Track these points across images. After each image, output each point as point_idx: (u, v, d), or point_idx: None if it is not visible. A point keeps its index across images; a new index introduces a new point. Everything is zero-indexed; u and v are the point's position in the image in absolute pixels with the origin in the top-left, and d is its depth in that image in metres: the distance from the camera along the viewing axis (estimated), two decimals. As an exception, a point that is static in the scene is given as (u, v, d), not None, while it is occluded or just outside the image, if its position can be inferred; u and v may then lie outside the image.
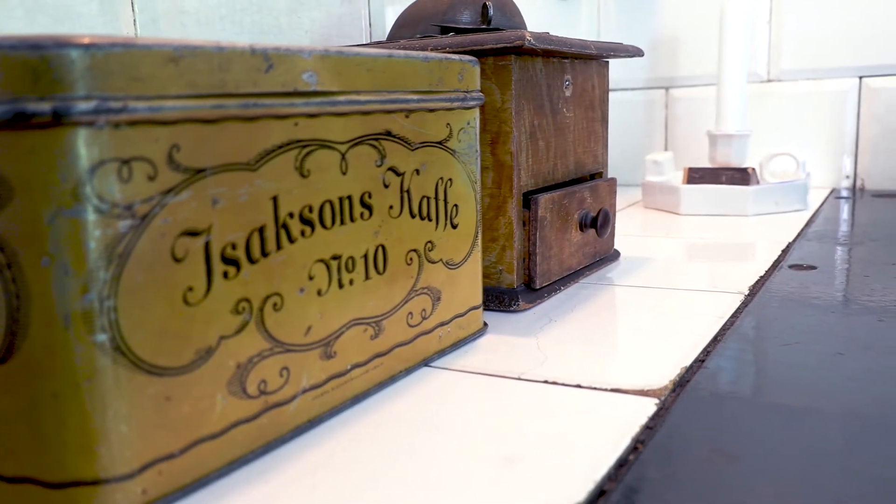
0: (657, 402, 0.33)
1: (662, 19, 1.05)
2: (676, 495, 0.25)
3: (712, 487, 0.26)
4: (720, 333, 0.42)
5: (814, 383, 0.35)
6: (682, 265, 0.60)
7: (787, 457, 0.28)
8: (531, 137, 0.49)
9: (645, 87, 1.08)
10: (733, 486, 0.26)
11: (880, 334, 0.41)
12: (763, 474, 0.27)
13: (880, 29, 0.93)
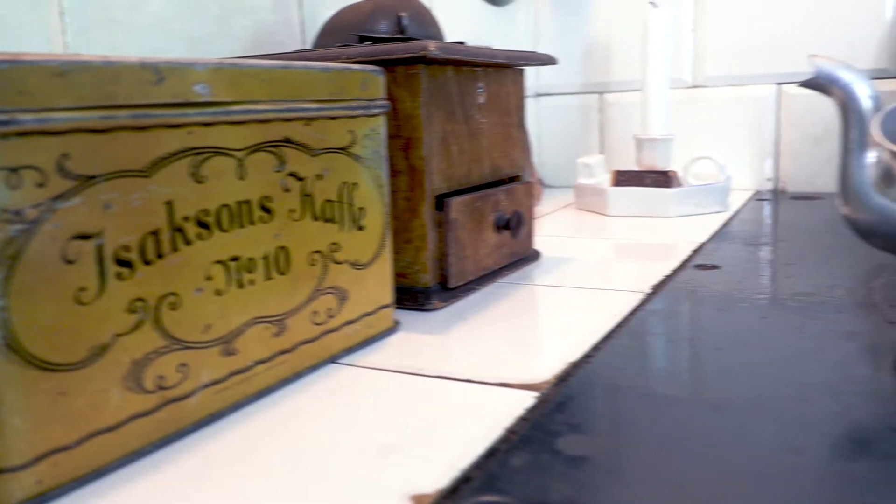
0: (537, 395, 0.35)
1: (596, 26, 1.09)
2: (535, 479, 0.28)
3: (571, 472, 0.28)
4: (613, 330, 0.44)
5: (685, 376, 0.38)
6: (598, 265, 0.63)
7: (646, 445, 0.30)
8: (443, 143, 0.51)
9: (580, 91, 1.11)
10: (590, 473, 0.28)
11: (758, 331, 0.44)
12: (621, 460, 0.29)
13: (797, 39, 0.97)
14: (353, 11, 0.56)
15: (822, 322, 0.45)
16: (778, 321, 0.45)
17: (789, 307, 0.48)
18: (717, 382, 0.37)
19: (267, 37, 0.63)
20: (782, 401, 0.34)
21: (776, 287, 0.53)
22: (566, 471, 0.28)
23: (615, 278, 0.57)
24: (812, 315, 0.46)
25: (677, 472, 0.28)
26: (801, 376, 0.37)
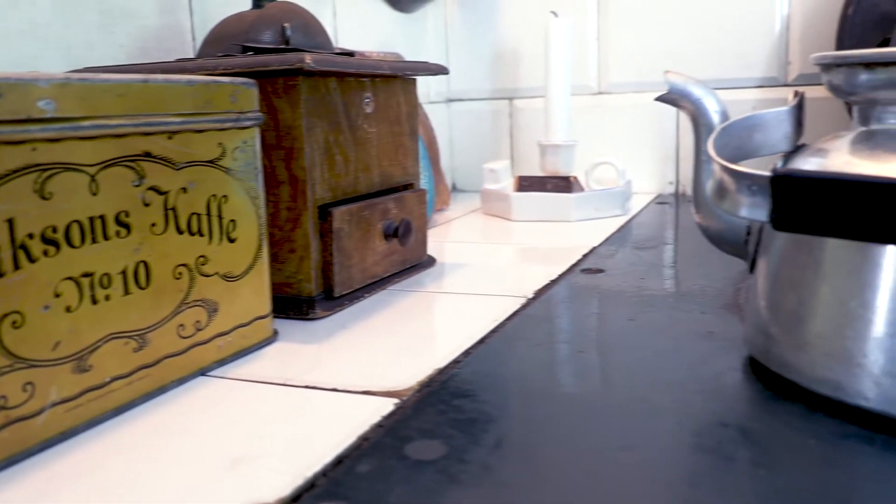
0: (397, 402, 0.36)
1: (504, 33, 1.11)
2: (377, 485, 0.28)
3: (414, 476, 0.29)
4: (487, 336, 0.46)
5: (544, 380, 0.39)
6: (490, 270, 0.64)
7: (491, 447, 0.31)
8: (327, 153, 0.52)
9: (491, 97, 1.13)
10: (432, 477, 0.29)
11: (624, 333, 0.46)
12: (465, 463, 0.30)
13: (694, 48, 1.01)
14: (237, 21, 0.55)
15: (685, 323, 0.47)
16: (645, 323, 0.47)
17: (659, 308, 0.50)
18: (573, 385, 0.38)
19: (153, 43, 0.62)
20: (628, 400, 0.35)
21: (651, 290, 0.55)
22: (409, 475, 0.29)
23: (503, 284, 0.59)
24: (678, 316, 0.48)
25: (512, 473, 0.29)
26: (651, 375, 0.38)
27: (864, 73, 0.35)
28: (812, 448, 0.31)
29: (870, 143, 0.35)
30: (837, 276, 0.34)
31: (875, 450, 0.30)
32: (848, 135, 0.37)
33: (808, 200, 0.31)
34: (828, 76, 0.37)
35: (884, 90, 0.35)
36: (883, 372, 0.31)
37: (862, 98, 0.36)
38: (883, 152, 0.34)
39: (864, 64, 0.34)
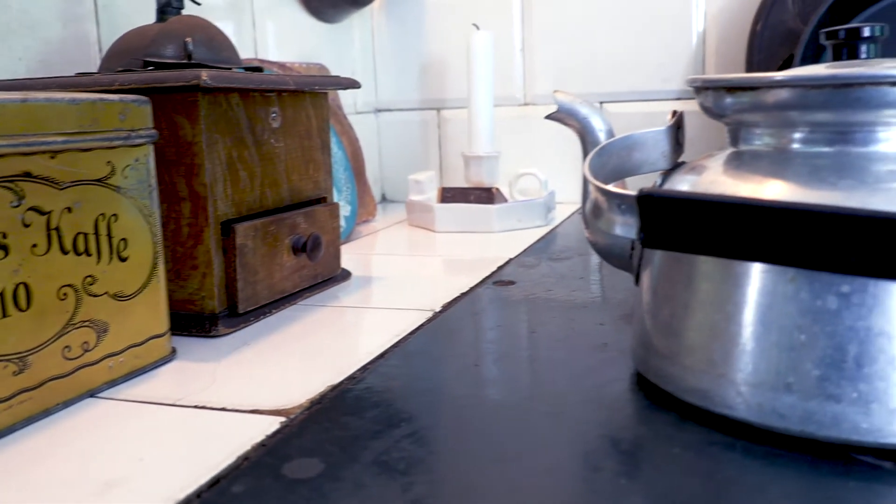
0: (283, 421, 0.36)
1: (431, 44, 1.11)
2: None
3: (287, 496, 0.29)
4: (387, 351, 0.46)
5: (435, 395, 0.39)
6: (405, 283, 0.65)
7: (371, 464, 0.32)
8: (230, 168, 0.52)
9: (419, 107, 1.14)
10: (304, 495, 0.29)
11: (523, 346, 0.47)
12: (340, 480, 0.30)
13: (616, 59, 1.03)
14: (139, 35, 0.55)
15: (582, 334, 0.48)
16: (544, 334, 0.48)
17: (560, 320, 0.51)
18: (461, 399, 0.39)
19: (57, 56, 0.61)
20: (511, 413, 0.36)
21: (557, 301, 0.56)
22: (283, 494, 0.29)
23: (413, 297, 0.59)
24: (577, 328, 0.50)
25: (385, 489, 0.29)
26: (538, 387, 0.39)
27: (728, 96, 0.36)
28: (675, 456, 0.32)
29: (736, 163, 0.37)
30: (705, 291, 0.35)
31: (735, 455, 0.31)
32: (720, 154, 0.38)
33: (670, 219, 0.32)
34: (699, 98, 0.38)
35: (748, 113, 0.36)
36: (745, 382, 0.33)
37: (730, 119, 0.37)
38: (745, 172, 0.36)
39: (727, 88, 0.36)
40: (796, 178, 0.34)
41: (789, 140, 0.35)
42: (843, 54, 0.37)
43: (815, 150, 0.35)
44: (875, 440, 0.30)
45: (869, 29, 0.37)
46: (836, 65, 0.37)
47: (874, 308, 0.30)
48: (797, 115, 0.35)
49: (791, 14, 0.87)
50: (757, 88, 0.35)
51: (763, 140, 0.36)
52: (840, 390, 0.31)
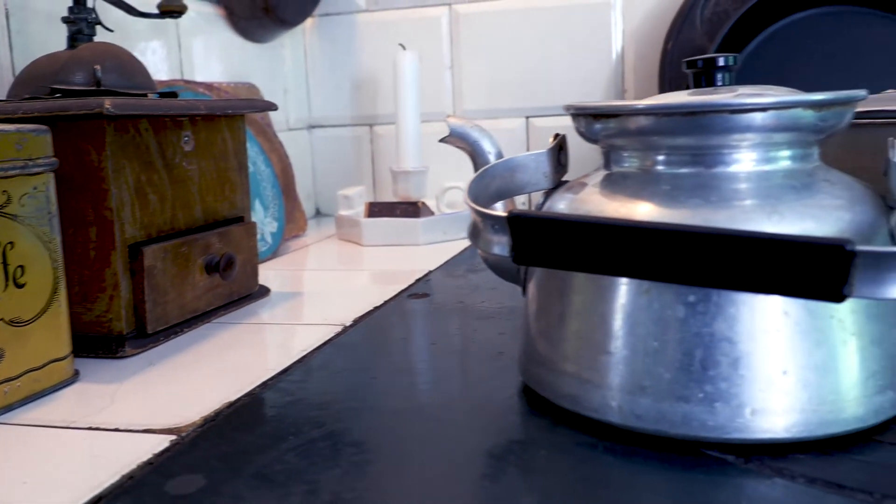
0: (174, 439, 0.37)
1: (362, 62, 1.13)
2: (124, 521, 0.30)
3: (163, 510, 0.31)
4: (291, 367, 0.47)
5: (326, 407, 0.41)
6: (322, 298, 0.66)
7: (252, 478, 0.33)
8: (139, 192, 0.53)
9: (352, 123, 1.16)
10: (180, 507, 0.31)
11: (421, 357, 0.49)
12: (222, 496, 0.32)
13: (540, 76, 1.06)
14: (49, 61, 0.56)
15: (482, 344, 0.50)
16: (445, 346, 0.50)
17: (463, 331, 0.53)
18: (351, 411, 0.40)
19: (-33, 83, 0.62)
20: (399, 420, 0.38)
21: (465, 312, 0.58)
22: (164, 511, 0.31)
23: (327, 312, 0.60)
24: (477, 338, 0.52)
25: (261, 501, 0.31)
26: (429, 397, 0.41)
27: (596, 123, 0.38)
28: (541, 457, 0.34)
29: (607, 183, 0.39)
30: (576, 302, 0.37)
31: (596, 454, 0.34)
32: (595, 175, 0.41)
33: (537, 237, 0.34)
34: (574, 123, 0.40)
35: (615, 138, 0.38)
36: (609, 387, 0.35)
37: (601, 143, 0.40)
38: (614, 192, 0.38)
39: (594, 115, 0.38)
40: (659, 197, 0.36)
41: (653, 162, 0.38)
42: (702, 81, 0.40)
43: (676, 171, 0.37)
44: (719, 436, 0.33)
45: (723, 59, 0.39)
46: (695, 92, 0.40)
47: (717, 315, 0.33)
48: (659, 140, 0.37)
49: (699, 33, 0.91)
50: (619, 115, 0.37)
51: (630, 162, 0.39)
52: (688, 391, 0.33)
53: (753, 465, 0.32)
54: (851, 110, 0.37)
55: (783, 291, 0.30)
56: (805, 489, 0.30)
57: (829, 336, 0.33)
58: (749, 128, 0.35)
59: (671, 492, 0.31)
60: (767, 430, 0.33)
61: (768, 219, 0.33)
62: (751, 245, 0.30)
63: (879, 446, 0.33)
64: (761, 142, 0.36)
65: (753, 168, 0.36)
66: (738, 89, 0.39)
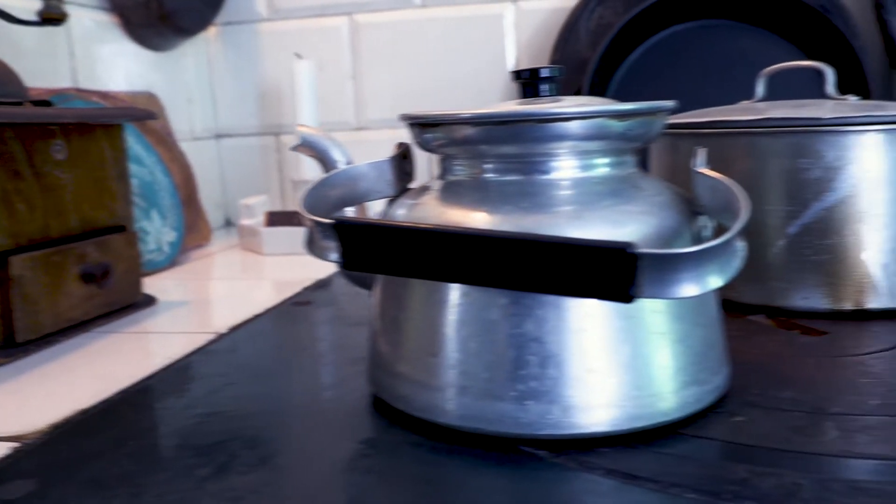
0: (17, 446, 0.38)
1: (267, 71, 1.14)
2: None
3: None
4: (155, 374, 0.48)
5: (173, 414, 0.42)
6: (207, 307, 0.67)
7: (82, 482, 0.34)
8: (4, 201, 0.53)
9: (258, 133, 1.16)
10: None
11: (286, 362, 0.50)
12: (41, 500, 0.32)
13: (440, 86, 1.09)
14: (-87, 71, 0.55)
15: (347, 349, 0.52)
16: (313, 351, 0.52)
17: (332, 336, 0.55)
18: (198, 417, 0.41)
19: None
20: (244, 424, 0.39)
21: (340, 319, 0.59)
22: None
23: (206, 321, 0.61)
24: (344, 343, 0.53)
25: (86, 506, 0.32)
26: (283, 402, 0.43)
27: (425, 132, 0.41)
28: (368, 457, 0.36)
29: (442, 190, 0.41)
30: (409, 306, 0.39)
31: (420, 453, 0.36)
32: (434, 182, 0.43)
33: (362, 243, 0.36)
34: (410, 133, 0.43)
35: (446, 147, 0.41)
36: (436, 387, 0.37)
37: (435, 152, 0.42)
38: (448, 199, 0.40)
39: (421, 125, 0.40)
40: (487, 204, 0.38)
41: (481, 170, 0.40)
42: (528, 92, 0.42)
43: (503, 178, 0.39)
44: (532, 433, 0.35)
45: (548, 71, 0.42)
46: (521, 102, 0.42)
47: (526, 317, 0.35)
48: (485, 149, 0.39)
49: (584, 45, 0.95)
50: (443, 125, 0.40)
51: (462, 170, 0.41)
52: (503, 391, 0.35)
53: (561, 459, 0.34)
54: (660, 120, 0.40)
55: (577, 293, 0.33)
56: (601, 480, 0.32)
57: (634, 335, 0.36)
58: (564, 137, 0.38)
59: (482, 487, 0.33)
60: (576, 426, 0.35)
61: (572, 224, 0.36)
62: (542, 249, 0.32)
63: (681, 438, 0.36)
64: (578, 150, 0.38)
65: (573, 175, 0.39)
66: (561, 100, 0.41)
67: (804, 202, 0.54)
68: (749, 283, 0.57)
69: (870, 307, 0.54)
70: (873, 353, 0.47)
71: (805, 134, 0.54)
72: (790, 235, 0.55)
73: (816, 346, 0.49)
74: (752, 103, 0.65)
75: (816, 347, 0.49)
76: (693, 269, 0.32)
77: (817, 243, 0.54)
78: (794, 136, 0.54)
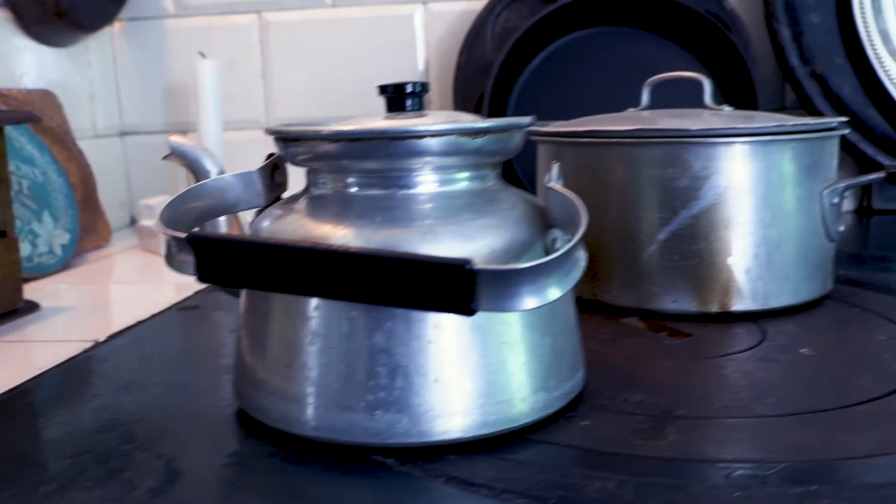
0: None
1: (174, 68, 1.12)
2: None
3: None
4: (19, 387, 0.47)
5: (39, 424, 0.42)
6: (95, 312, 0.66)
7: None
8: None
9: (165, 130, 1.14)
10: None
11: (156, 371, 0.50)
12: None
13: (350, 87, 1.09)
14: None
15: (219, 357, 0.52)
16: (184, 360, 0.52)
17: (212, 345, 0.55)
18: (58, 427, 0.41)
19: None
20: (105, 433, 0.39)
21: (224, 324, 0.59)
22: None
23: (87, 328, 0.60)
24: (223, 351, 0.53)
25: None
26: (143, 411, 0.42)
27: (288, 146, 0.41)
28: (217, 467, 0.36)
29: (307, 203, 0.41)
30: (266, 317, 0.39)
31: (274, 462, 0.36)
32: (300, 195, 0.43)
33: (215, 257, 0.36)
34: (275, 145, 0.43)
35: (310, 161, 0.41)
36: (291, 399, 0.37)
37: (300, 166, 0.42)
38: (308, 214, 0.40)
39: (282, 139, 0.41)
40: (347, 219, 0.39)
41: (345, 184, 0.41)
42: (394, 107, 0.43)
43: (368, 192, 0.40)
44: (381, 441, 0.36)
45: (412, 86, 0.43)
46: (388, 116, 0.43)
47: (376, 329, 0.36)
48: (347, 164, 0.40)
49: (490, 48, 0.96)
50: (301, 140, 0.40)
51: (327, 184, 0.41)
52: (353, 401, 0.36)
53: (407, 467, 0.35)
54: (517, 135, 0.41)
55: (421, 306, 0.34)
56: (441, 487, 0.34)
57: (482, 345, 0.37)
58: (421, 153, 0.39)
59: (328, 496, 0.34)
60: (425, 435, 0.36)
61: (424, 239, 0.37)
62: (386, 265, 0.33)
63: (527, 444, 0.37)
64: (436, 165, 0.39)
65: (433, 190, 0.40)
66: (425, 115, 0.42)
67: (674, 210, 0.56)
68: (624, 287, 0.59)
69: (734, 310, 0.57)
70: (729, 354, 0.50)
71: (674, 145, 0.56)
72: (661, 241, 0.57)
73: (679, 348, 0.52)
74: (637, 111, 0.67)
75: (679, 350, 0.51)
76: (532, 282, 0.33)
77: (686, 249, 0.56)
78: (664, 146, 0.56)
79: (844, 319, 0.57)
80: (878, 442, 0.36)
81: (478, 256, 0.37)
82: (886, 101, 0.96)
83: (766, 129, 0.56)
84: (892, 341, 0.51)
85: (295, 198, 0.43)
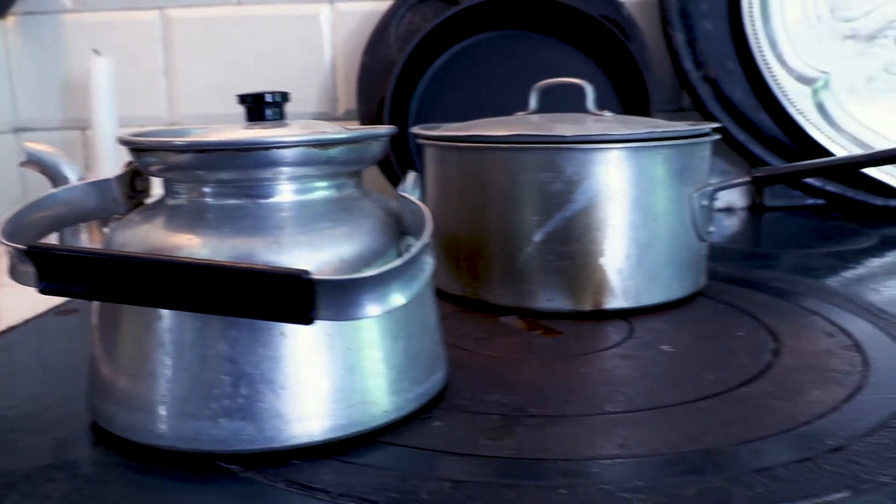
0: None
1: (73, 63, 1.09)
2: None
3: None
4: None
5: None
6: None
7: None
8: None
9: (62, 127, 1.11)
10: None
11: (19, 379, 0.49)
12: None
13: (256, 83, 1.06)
14: None
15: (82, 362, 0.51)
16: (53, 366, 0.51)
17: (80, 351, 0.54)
18: None
19: None
20: None
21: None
22: None
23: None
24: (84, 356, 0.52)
25: None
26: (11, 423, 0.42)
27: (142, 156, 0.41)
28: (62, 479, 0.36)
29: (159, 213, 0.41)
30: (112, 326, 0.39)
31: (119, 472, 0.36)
32: (157, 204, 0.43)
33: (54, 269, 0.36)
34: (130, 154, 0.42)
35: (165, 172, 0.41)
36: (138, 408, 0.37)
37: (156, 175, 0.42)
38: (162, 223, 0.40)
39: (135, 149, 0.40)
40: (198, 228, 0.39)
41: (201, 194, 0.40)
42: (253, 116, 0.43)
43: (224, 202, 0.40)
44: (225, 448, 0.36)
45: (271, 96, 0.43)
46: (248, 125, 0.43)
47: (220, 338, 0.36)
48: (203, 174, 0.40)
49: (394, 49, 0.96)
50: (150, 151, 0.40)
51: (183, 193, 0.41)
52: (198, 409, 0.36)
53: (251, 473, 0.35)
54: (374, 144, 0.42)
55: (263, 316, 0.34)
56: (281, 492, 0.34)
57: (329, 352, 0.37)
58: (274, 163, 0.39)
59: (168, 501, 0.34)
60: (270, 441, 0.36)
61: (270, 249, 0.37)
62: (225, 276, 0.33)
63: (377, 447, 0.38)
64: (291, 175, 0.40)
65: (290, 199, 0.40)
66: (286, 125, 0.43)
67: (549, 212, 0.58)
68: (503, 286, 0.60)
69: (607, 307, 0.59)
70: (594, 352, 0.52)
71: (548, 150, 0.58)
72: (537, 242, 0.58)
73: (548, 346, 0.53)
74: (525, 115, 0.69)
75: (547, 348, 0.53)
76: (373, 290, 0.34)
77: (560, 250, 0.58)
78: (539, 151, 0.58)
79: (711, 316, 0.59)
80: (712, 438, 0.38)
81: (326, 265, 0.37)
82: (774, 105, 1.00)
83: (636, 135, 0.58)
84: (750, 338, 0.54)
85: (151, 206, 0.43)
